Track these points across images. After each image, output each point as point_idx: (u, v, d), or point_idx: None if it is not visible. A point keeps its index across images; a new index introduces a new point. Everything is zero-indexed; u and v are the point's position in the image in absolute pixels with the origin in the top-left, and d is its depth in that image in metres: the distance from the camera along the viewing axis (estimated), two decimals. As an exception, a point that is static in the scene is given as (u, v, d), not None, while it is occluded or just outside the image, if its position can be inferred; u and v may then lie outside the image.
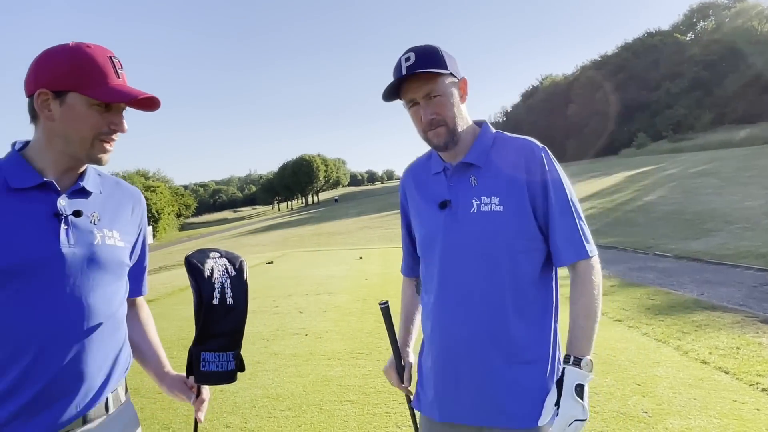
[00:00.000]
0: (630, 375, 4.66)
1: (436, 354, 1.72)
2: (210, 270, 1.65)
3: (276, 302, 9.41)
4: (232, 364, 1.63)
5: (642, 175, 34.30)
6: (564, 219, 1.60)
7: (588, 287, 1.58)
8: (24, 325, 1.33)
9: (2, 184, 1.37)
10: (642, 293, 8.07)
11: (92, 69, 1.37)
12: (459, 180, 1.68)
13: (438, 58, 1.59)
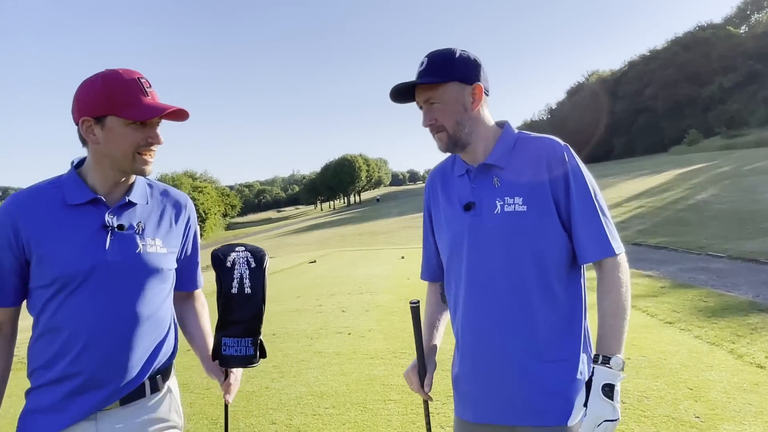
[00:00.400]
0: (681, 379, 4.52)
1: (466, 356, 1.76)
2: (231, 262, 1.80)
3: (319, 301, 9.50)
4: (250, 350, 1.76)
5: (694, 172, 33.23)
6: (587, 216, 1.60)
7: (615, 285, 1.57)
8: (73, 325, 1.56)
9: (61, 200, 1.59)
10: (694, 295, 7.82)
11: (123, 92, 1.54)
12: (482, 181, 1.70)
13: (445, 66, 1.64)
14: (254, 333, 1.77)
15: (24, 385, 1.78)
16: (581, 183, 1.61)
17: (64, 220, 1.57)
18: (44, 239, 1.55)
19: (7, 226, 1.55)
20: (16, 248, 1.56)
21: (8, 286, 1.60)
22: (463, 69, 1.66)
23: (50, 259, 1.55)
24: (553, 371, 1.61)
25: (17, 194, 1.62)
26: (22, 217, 1.56)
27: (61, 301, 1.56)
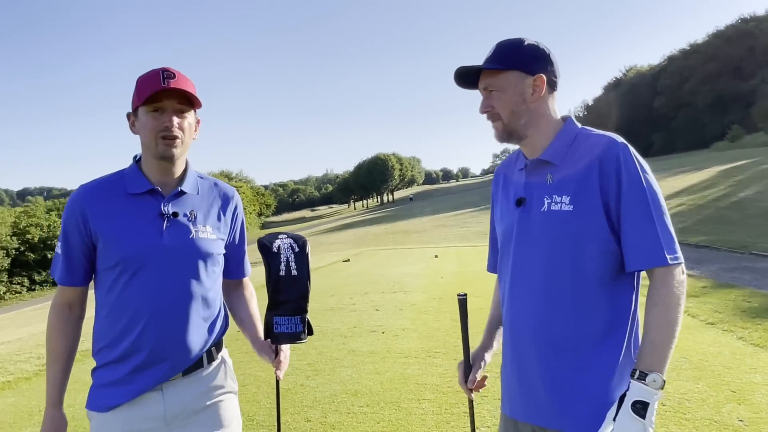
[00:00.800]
0: (724, 381, 4.40)
1: (506, 350, 1.78)
2: (277, 247, 1.92)
3: (353, 299, 9.55)
4: (299, 327, 1.88)
5: (736, 169, 32.29)
6: (638, 220, 1.50)
7: (663, 297, 1.47)
8: (136, 303, 1.72)
9: (123, 190, 1.76)
10: (737, 295, 7.60)
11: (144, 84, 1.70)
12: (536, 177, 1.67)
13: (509, 54, 1.63)
14: (302, 311, 1.88)
15: (73, 379, 1.86)
16: (635, 184, 1.51)
17: (125, 207, 1.74)
18: (109, 224, 1.72)
19: (77, 213, 1.73)
20: (85, 233, 1.73)
21: (79, 267, 1.77)
22: (528, 59, 1.63)
23: (114, 242, 1.71)
24: (584, 378, 1.56)
25: (85, 185, 1.79)
26: (89, 205, 1.73)
27: (125, 282, 1.72)
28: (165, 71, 1.70)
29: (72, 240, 1.75)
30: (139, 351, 1.73)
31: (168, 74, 1.69)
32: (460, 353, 6.22)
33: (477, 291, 9.63)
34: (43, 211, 54.19)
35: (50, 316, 1.82)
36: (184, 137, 1.75)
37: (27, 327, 14.75)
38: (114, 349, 1.75)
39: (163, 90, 1.67)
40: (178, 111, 1.73)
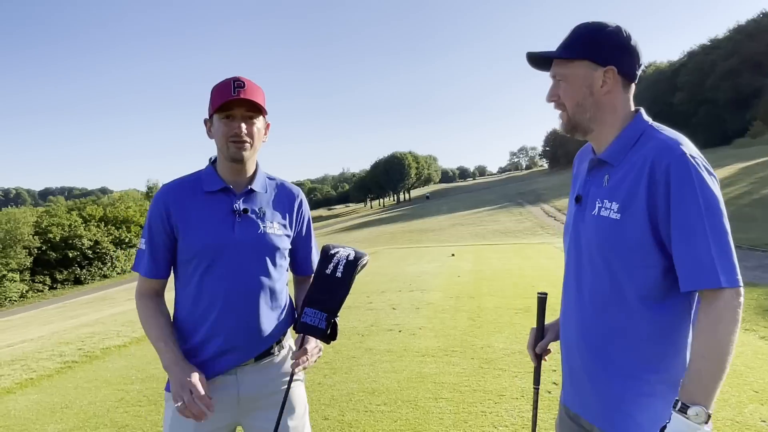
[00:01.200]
0: (746, 381, 4.34)
1: (561, 344, 1.76)
2: (334, 251, 1.99)
3: (370, 298, 9.56)
4: (323, 324, 1.88)
5: (759, 166, 31.75)
6: (687, 237, 1.37)
7: (712, 323, 1.34)
8: (211, 294, 1.88)
9: (200, 188, 1.93)
10: (760, 294, 7.48)
11: (217, 93, 1.85)
12: (595, 176, 1.61)
13: (582, 42, 1.54)
14: (331, 312, 1.91)
15: (94, 376, 1.87)
16: (689, 198, 1.37)
17: (202, 204, 1.90)
18: (188, 219, 1.88)
19: (161, 209, 1.89)
20: (168, 226, 1.89)
21: (163, 260, 1.93)
22: (602, 48, 1.52)
23: (191, 236, 1.87)
24: (625, 388, 1.50)
25: (167, 184, 1.97)
26: (172, 201, 1.90)
27: (201, 274, 1.88)
28: (236, 81, 1.84)
29: (157, 234, 1.90)
30: (214, 338, 1.88)
31: (238, 83, 1.83)
32: (477, 352, 6.21)
33: (494, 290, 9.63)
34: (64, 211, 55.06)
35: (140, 306, 1.95)
36: (253, 141, 1.89)
37: (49, 325, 15.00)
38: (191, 337, 1.91)
39: (233, 99, 1.81)
40: (247, 117, 1.87)
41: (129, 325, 9.12)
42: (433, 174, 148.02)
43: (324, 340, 1.89)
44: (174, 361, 1.82)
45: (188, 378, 1.76)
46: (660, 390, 1.47)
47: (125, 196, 67.52)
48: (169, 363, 1.83)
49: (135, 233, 55.58)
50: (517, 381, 4.71)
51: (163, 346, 1.86)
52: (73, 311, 20.88)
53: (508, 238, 26.26)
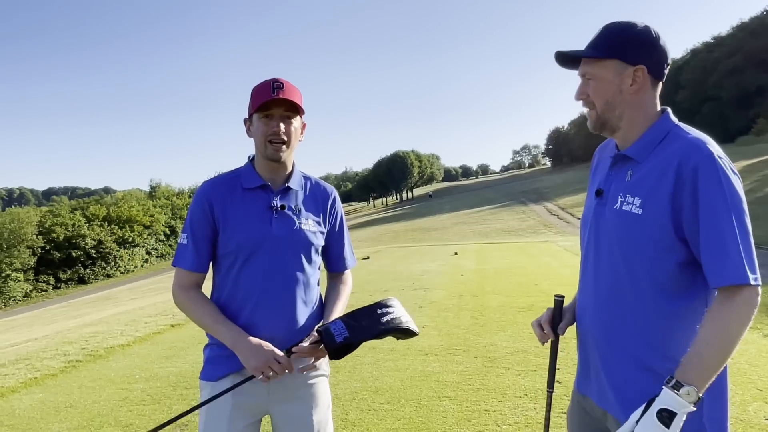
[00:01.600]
0: (750, 379, 4.33)
1: (577, 332, 1.78)
2: (398, 309, 2.07)
3: (373, 297, 9.55)
4: (340, 339, 1.88)
5: (763, 163, 31.69)
6: (716, 235, 1.39)
7: (724, 315, 1.38)
8: (248, 286, 1.95)
9: (239, 185, 2.00)
10: (763, 292, 7.41)
11: (257, 93, 1.93)
12: (618, 171, 1.64)
13: (612, 41, 1.57)
14: (353, 338, 1.90)
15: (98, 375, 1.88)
16: (716, 196, 1.40)
17: (242, 200, 1.98)
18: (229, 213, 1.95)
19: (205, 203, 1.96)
20: (212, 220, 1.96)
21: (205, 253, 1.99)
22: (631, 48, 1.55)
23: (231, 230, 1.94)
24: (637, 378, 1.54)
25: (208, 181, 2.05)
26: (214, 196, 1.97)
27: (239, 267, 1.95)
28: (275, 82, 1.92)
29: (200, 228, 1.97)
30: (252, 328, 1.93)
31: (277, 84, 1.91)
32: (480, 351, 6.22)
33: (497, 288, 9.63)
34: (67, 211, 55.18)
35: (185, 297, 1.99)
36: (289, 140, 1.96)
37: (53, 324, 15.05)
38: None
39: (273, 99, 1.89)
40: (285, 117, 1.94)
41: (132, 325, 9.15)
42: (435, 172, 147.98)
43: (330, 353, 1.89)
44: (239, 335, 1.89)
45: (262, 345, 1.86)
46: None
47: (128, 196, 67.69)
48: (234, 338, 1.89)
49: (138, 233, 55.72)
50: (521, 379, 4.71)
51: (223, 328, 1.92)
52: (76, 311, 20.95)
53: (511, 236, 26.26)
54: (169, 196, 68.99)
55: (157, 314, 10.00)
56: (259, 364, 1.83)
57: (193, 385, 5.08)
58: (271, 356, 1.84)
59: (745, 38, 75.81)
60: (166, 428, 2.03)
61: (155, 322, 9.04)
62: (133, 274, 51.30)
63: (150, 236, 58.15)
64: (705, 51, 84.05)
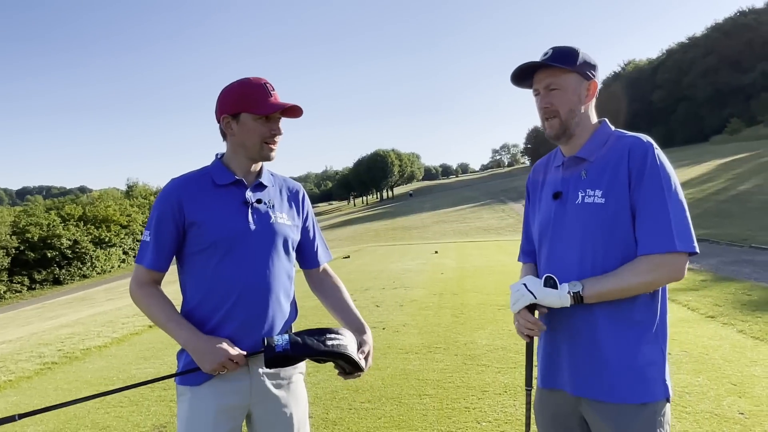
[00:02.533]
0: (725, 374, 4.41)
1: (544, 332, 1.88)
2: (344, 336, 1.93)
3: (353, 296, 9.43)
4: (277, 347, 1.82)
5: (736, 162, 32.30)
6: (651, 210, 1.64)
7: (650, 267, 1.62)
8: (227, 281, 1.91)
9: (211, 181, 1.97)
10: (737, 288, 7.61)
11: (253, 94, 1.91)
12: (572, 173, 1.82)
13: (570, 57, 1.76)
14: (293, 353, 1.84)
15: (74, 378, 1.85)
16: (656, 178, 1.65)
17: (215, 196, 1.95)
18: (201, 211, 1.92)
19: (173, 201, 1.92)
20: (179, 218, 1.92)
21: (168, 253, 1.96)
22: (585, 65, 1.78)
23: (208, 226, 1.90)
24: (611, 354, 1.70)
25: (176, 179, 1.99)
26: (184, 194, 1.93)
27: (216, 263, 1.91)
28: (267, 83, 1.93)
29: (165, 227, 1.93)
30: (230, 324, 1.91)
31: (270, 86, 1.93)
32: (461, 349, 6.25)
33: (476, 286, 9.68)
34: (42, 210, 54.27)
35: (141, 293, 1.96)
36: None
37: (28, 326, 14.78)
38: (204, 325, 1.92)
39: (277, 104, 1.90)
40: (279, 119, 1.97)
41: (109, 326, 9.03)
42: (416, 171, 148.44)
43: (266, 360, 1.81)
44: (192, 334, 1.86)
45: (216, 345, 1.82)
46: (645, 350, 1.69)
47: (105, 195, 66.73)
48: (187, 337, 1.85)
49: (115, 232, 55.00)
50: (500, 377, 4.74)
51: (174, 325, 1.89)
52: (52, 312, 20.59)
53: (490, 234, 26.43)
54: (146, 195, 68.22)
55: (134, 315, 9.88)
56: (214, 365, 1.80)
57: (171, 386, 5.02)
58: (226, 356, 1.81)
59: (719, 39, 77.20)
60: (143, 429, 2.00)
61: (132, 323, 8.93)
62: (109, 275, 50.63)
63: (127, 236, 57.47)
64: (680, 51, 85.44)
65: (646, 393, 1.67)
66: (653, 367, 1.69)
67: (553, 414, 1.88)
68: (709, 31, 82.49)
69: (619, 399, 1.68)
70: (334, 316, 2.21)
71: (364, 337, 2.10)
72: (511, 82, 1.86)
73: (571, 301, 1.68)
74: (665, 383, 1.70)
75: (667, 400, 1.71)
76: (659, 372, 1.69)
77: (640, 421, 1.67)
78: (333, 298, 2.23)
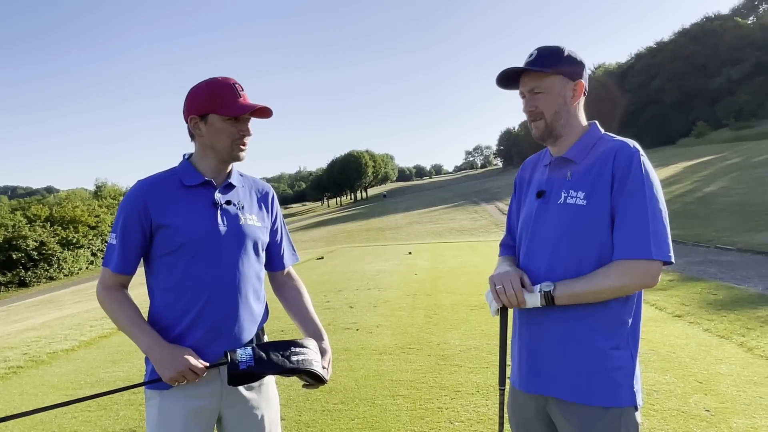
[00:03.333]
0: (691, 372, 4.51)
1: (519, 327, 1.90)
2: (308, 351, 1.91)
3: (327, 297, 9.53)
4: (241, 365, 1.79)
5: (702, 165, 33.05)
6: (631, 216, 1.64)
7: (625, 272, 1.63)
8: (197, 282, 1.88)
9: (179, 182, 1.94)
10: (703, 288, 7.79)
11: (222, 95, 1.88)
12: (557, 173, 1.83)
13: (554, 59, 1.76)
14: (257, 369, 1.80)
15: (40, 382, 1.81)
16: (639, 186, 1.65)
17: (183, 198, 1.92)
18: (170, 213, 1.88)
19: (139, 203, 1.88)
20: (145, 221, 1.88)
21: (133, 256, 1.92)
22: (570, 65, 1.78)
23: (176, 228, 1.87)
24: (585, 357, 1.70)
25: (142, 180, 1.95)
26: (150, 196, 1.89)
27: (185, 265, 1.88)
28: (236, 83, 1.90)
29: (131, 230, 1.89)
30: (200, 326, 1.89)
31: (239, 87, 1.91)
32: (434, 349, 6.27)
33: (450, 287, 9.73)
34: (7, 211, 52.85)
35: (107, 297, 1.93)
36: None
37: (-9, 329, 14.37)
38: (175, 327, 1.89)
39: (252, 108, 1.88)
40: (249, 119, 1.95)
41: (77, 329, 8.85)
42: (390, 172, 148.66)
43: (229, 378, 1.78)
44: (154, 340, 1.83)
45: (177, 353, 1.79)
46: (614, 355, 1.69)
47: (72, 196, 65.27)
48: (149, 344, 1.82)
49: (83, 233, 53.82)
50: (473, 376, 4.77)
51: (137, 331, 1.86)
52: (18, 315, 20.06)
53: (463, 235, 26.60)
54: (115, 196, 66.83)
55: (103, 317, 9.69)
56: (172, 374, 1.77)
57: (141, 389, 4.94)
58: (186, 365, 1.77)
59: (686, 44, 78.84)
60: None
61: (101, 326, 8.76)
62: (77, 277, 49.55)
63: (95, 237, 56.25)
64: (649, 56, 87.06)
65: (611, 397, 1.68)
66: (620, 372, 1.69)
67: (524, 414, 1.90)
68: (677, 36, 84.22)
69: (583, 400, 1.69)
70: (292, 320, 2.20)
71: (323, 345, 2.07)
72: (497, 85, 1.86)
73: (542, 301, 1.69)
74: (633, 390, 1.70)
75: (635, 407, 1.70)
76: (627, 378, 1.69)
77: (603, 425, 1.68)
78: (293, 302, 2.20)
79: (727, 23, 78.34)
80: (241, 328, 1.95)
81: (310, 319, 2.15)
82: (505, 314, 1.87)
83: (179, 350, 1.82)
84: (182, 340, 1.89)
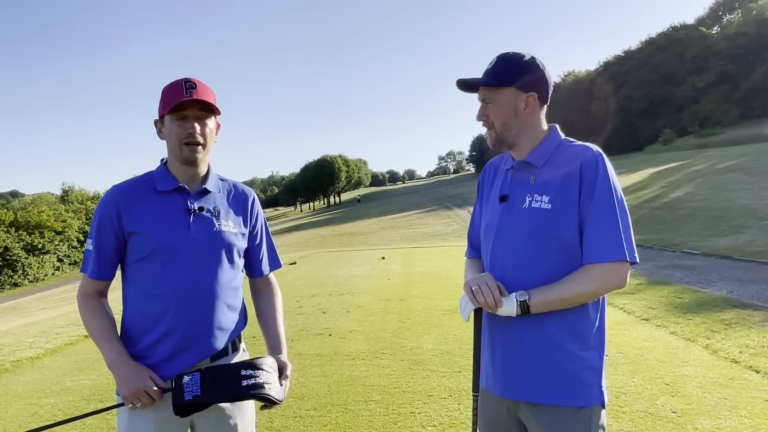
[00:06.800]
0: (658, 374, 4.59)
1: (488, 331, 1.89)
2: (264, 372, 1.88)
3: (300, 302, 9.46)
4: (187, 395, 1.75)
5: (668, 171, 33.75)
6: (601, 220, 1.67)
7: (602, 280, 1.65)
8: (168, 290, 1.85)
9: (152, 188, 1.92)
10: (669, 291, 7.94)
11: (169, 94, 1.87)
12: (520, 177, 1.84)
13: (508, 71, 1.77)
14: (204, 398, 1.76)
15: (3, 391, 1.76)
16: (606, 189, 1.68)
17: (156, 203, 1.90)
18: (142, 218, 1.87)
19: (112, 209, 1.87)
20: (118, 228, 1.87)
21: (110, 262, 1.91)
22: (524, 76, 1.78)
23: (147, 234, 1.85)
24: (552, 356, 1.73)
25: (117, 185, 1.94)
26: (123, 202, 1.88)
27: (157, 271, 1.86)
28: (187, 82, 1.86)
29: (105, 236, 1.88)
30: (170, 337, 1.86)
31: (190, 84, 1.85)
32: (407, 354, 6.26)
33: (423, 292, 9.75)
34: (-27, 215, 51.28)
35: (83, 305, 1.93)
36: (205, 142, 1.92)
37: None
38: (147, 335, 1.87)
39: (187, 100, 1.83)
40: (200, 118, 1.89)
41: (42, 336, 8.63)
42: (363, 177, 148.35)
43: (175, 408, 1.75)
44: (119, 356, 1.81)
45: (138, 373, 1.78)
46: (585, 356, 1.73)
47: (38, 200, 63.92)
48: (113, 360, 1.81)
49: (49, 239, 52.57)
50: (446, 381, 4.79)
51: (106, 344, 1.84)
52: (-21, 322, 19.49)
53: (436, 240, 26.70)
54: (83, 200, 65.46)
55: (69, 324, 9.48)
56: (128, 393, 1.76)
57: (108, 399, 4.84)
58: (143, 387, 1.75)
59: (652, 52, 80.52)
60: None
61: (67, 333, 8.57)
62: (43, 283, 48.34)
63: (62, 242, 55.00)
64: (617, 64, 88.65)
65: (583, 397, 1.71)
66: (591, 372, 1.72)
67: (495, 418, 1.91)
68: (644, 44, 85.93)
69: (555, 401, 1.71)
70: (262, 330, 2.18)
71: (281, 357, 2.06)
72: (460, 89, 1.88)
73: (518, 310, 1.69)
74: (601, 389, 1.73)
75: (602, 405, 1.74)
76: (596, 377, 1.73)
77: (575, 425, 1.71)
78: (261, 311, 2.19)
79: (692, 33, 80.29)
80: (213, 336, 1.92)
81: (274, 331, 2.13)
82: (479, 319, 1.87)
83: (140, 370, 1.80)
84: (154, 348, 1.87)
